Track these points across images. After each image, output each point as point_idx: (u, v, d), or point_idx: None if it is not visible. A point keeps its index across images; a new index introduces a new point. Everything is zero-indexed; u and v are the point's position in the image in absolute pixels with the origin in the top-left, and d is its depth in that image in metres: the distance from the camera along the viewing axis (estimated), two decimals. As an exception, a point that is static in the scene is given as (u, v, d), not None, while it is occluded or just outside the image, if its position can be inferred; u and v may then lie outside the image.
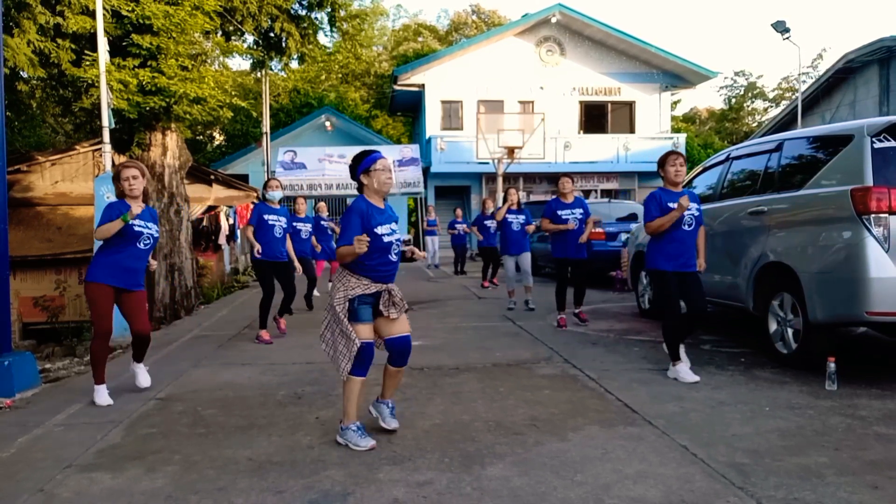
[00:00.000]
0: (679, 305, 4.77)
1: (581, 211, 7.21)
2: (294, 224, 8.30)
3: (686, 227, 4.71)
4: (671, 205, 4.68)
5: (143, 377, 4.83)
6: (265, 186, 6.99)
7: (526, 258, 8.58)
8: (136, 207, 4.51)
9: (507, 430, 3.66)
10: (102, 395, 4.49)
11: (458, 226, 14.97)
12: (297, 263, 7.28)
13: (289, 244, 7.05)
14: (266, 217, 6.66)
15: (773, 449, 3.28)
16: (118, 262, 4.49)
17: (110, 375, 5.29)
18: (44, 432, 3.88)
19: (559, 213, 7.19)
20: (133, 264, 4.56)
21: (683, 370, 4.69)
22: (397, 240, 3.56)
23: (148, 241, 4.61)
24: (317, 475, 3.08)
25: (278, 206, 6.88)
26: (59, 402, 4.54)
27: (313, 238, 9.26)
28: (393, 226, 3.56)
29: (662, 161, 4.88)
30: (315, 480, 3.02)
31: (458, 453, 3.32)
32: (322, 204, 11.37)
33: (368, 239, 3.32)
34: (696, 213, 4.77)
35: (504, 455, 3.28)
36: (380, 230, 3.46)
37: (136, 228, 4.50)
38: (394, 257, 3.56)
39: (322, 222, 10.39)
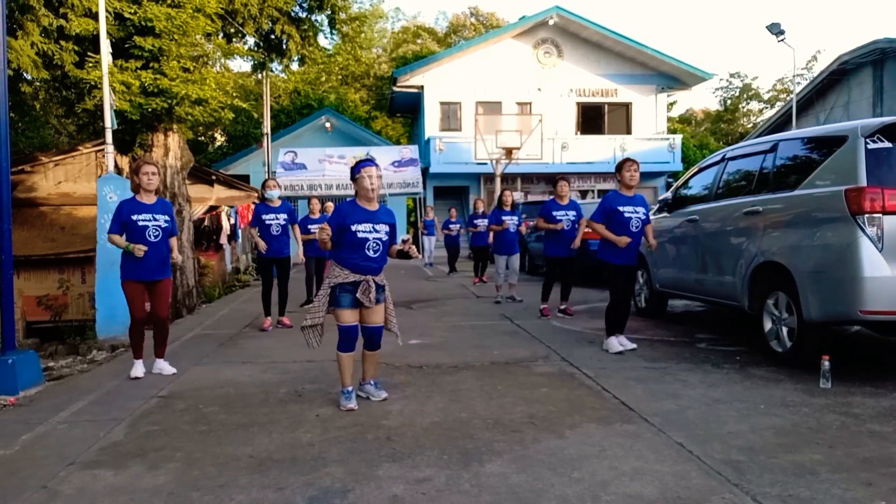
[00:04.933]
0: (623, 293, 5.63)
1: (574, 213, 7.88)
2: (309, 227, 8.66)
3: (633, 230, 5.51)
4: (621, 208, 5.49)
5: (167, 368, 5.21)
6: (263, 186, 7.34)
7: (516, 258, 9.13)
8: (148, 199, 5.07)
9: (506, 427, 3.69)
10: (138, 368, 5.07)
11: (452, 226, 15.01)
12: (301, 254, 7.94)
13: (297, 233, 7.51)
14: (264, 217, 7.08)
15: (769, 446, 3.31)
16: (136, 259, 4.92)
17: (113, 374, 5.37)
18: (47, 430, 3.91)
19: (554, 213, 7.83)
20: (149, 261, 4.96)
21: (613, 342, 5.58)
22: (376, 238, 4.03)
23: (157, 233, 5.01)
24: (317, 472, 3.11)
25: (278, 204, 7.22)
26: (62, 400, 4.57)
27: None
28: (376, 226, 4.04)
29: (620, 166, 5.62)
30: (315, 477, 3.05)
31: (456, 450, 3.35)
32: (329, 204, 11.59)
33: (329, 228, 3.93)
34: (643, 217, 5.57)
35: (502, 452, 3.31)
36: (355, 227, 3.97)
37: (141, 223, 4.95)
38: (371, 253, 4.03)
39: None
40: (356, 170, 4.08)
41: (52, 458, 3.40)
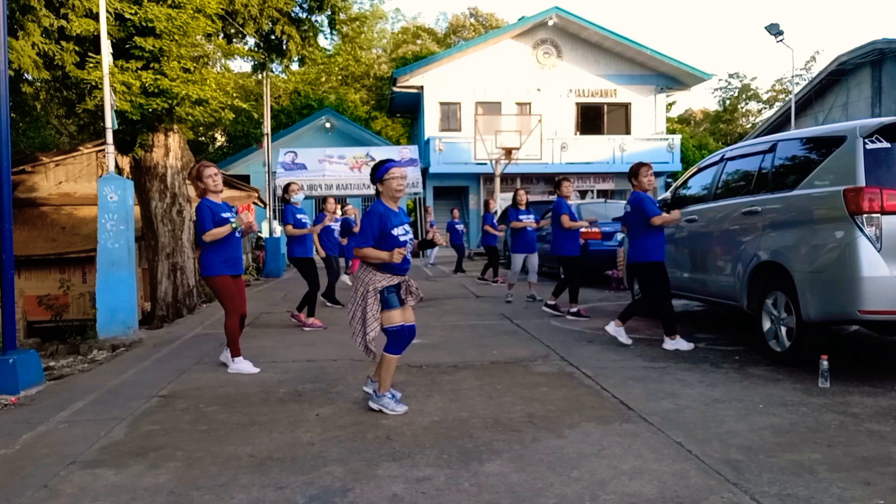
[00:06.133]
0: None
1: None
2: (331, 226, 9.05)
3: None
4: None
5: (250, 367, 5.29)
6: (287, 190, 7.56)
7: (535, 257, 9.06)
8: (218, 199, 5.28)
9: (505, 426, 3.70)
10: (247, 365, 5.19)
11: (457, 226, 15.07)
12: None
13: (316, 240, 7.97)
14: (300, 217, 7.41)
15: (767, 445, 3.32)
16: (228, 253, 5.21)
17: (113, 373, 5.38)
18: (48, 429, 3.92)
19: (573, 212, 8.00)
20: (237, 252, 5.32)
21: (680, 341, 5.61)
22: (410, 239, 4.00)
23: (240, 229, 5.33)
24: (317, 471, 3.12)
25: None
26: (62, 400, 4.59)
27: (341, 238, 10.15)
28: (406, 227, 4.01)
29: (636, 171, 5.75)
30: (315, 476, 3.06)
31: (456, 450, 3.36)
32: (349, 207, 11.89)
33: (404, 252, 3.85)
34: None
35: (501, 451, 3.32)
36: (395, 231, 3.90)
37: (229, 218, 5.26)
38: (408, 254, 3.98)
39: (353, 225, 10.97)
40: (382, 171, 3.92)
41: (53, 458, 3.41)
